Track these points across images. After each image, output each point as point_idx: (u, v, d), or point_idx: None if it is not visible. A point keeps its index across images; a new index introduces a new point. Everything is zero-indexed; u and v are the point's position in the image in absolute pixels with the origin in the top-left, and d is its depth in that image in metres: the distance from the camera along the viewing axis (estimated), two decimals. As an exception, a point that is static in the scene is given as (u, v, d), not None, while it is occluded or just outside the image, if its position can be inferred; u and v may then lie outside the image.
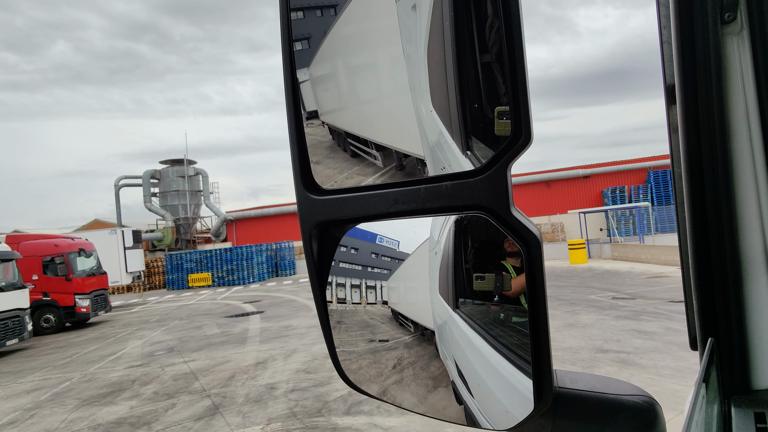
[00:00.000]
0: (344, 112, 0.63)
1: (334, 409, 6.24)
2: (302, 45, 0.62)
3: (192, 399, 7.17)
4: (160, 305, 21.64)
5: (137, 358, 10.56)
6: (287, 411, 6.30)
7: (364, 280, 0.65)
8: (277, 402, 6.68)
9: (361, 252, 0.64)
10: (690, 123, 0.69)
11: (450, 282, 0.57)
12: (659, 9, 0.80)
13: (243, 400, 6.91)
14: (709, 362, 0.69)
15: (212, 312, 17.42)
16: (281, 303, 18.18)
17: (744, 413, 0.66)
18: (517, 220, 0.50)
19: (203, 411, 6.58)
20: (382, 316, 0.64)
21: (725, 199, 0.70)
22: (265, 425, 5.88)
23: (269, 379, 7.86)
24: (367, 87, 0.61)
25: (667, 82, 0.83)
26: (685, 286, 0.92)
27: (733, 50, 0.68)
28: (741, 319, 0.72)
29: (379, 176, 0.61)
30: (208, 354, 10.22)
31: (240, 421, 6.09)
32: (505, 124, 0.48)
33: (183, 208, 40.91)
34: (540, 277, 0.50)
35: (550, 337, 0.51)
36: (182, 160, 41.80)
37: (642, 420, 0.56)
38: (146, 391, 7.80)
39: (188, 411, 6.64)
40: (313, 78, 0.62)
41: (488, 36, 0.48)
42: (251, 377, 8.06)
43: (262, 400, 6.81)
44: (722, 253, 0.71)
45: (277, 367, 8.60)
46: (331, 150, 0.63)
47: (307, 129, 0.64)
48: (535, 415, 0.53)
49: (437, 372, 0.61)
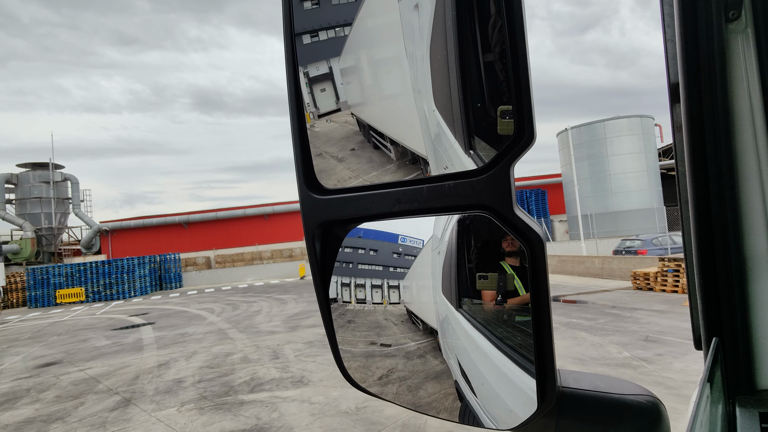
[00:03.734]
0: (365, 106, 0.62)
1: (239, 390, 7.48)
2: (311, 38, 0.62)
3: (100, 397, 7.77)
4: (26, 323, 19.83)
5: (22, 371, 10.36)
6: (197, 396, 7.37)
7: (367, 280, 0.65)
8: (187, 391, 7.68)
9: (365, 251, 0.64)
10: (694, 121, 0.69)
11: (453, 281, 0.57)
12: (663, 7, 0.81)
13: (153, 392, 7.76)
14: (713, 362, 0.67)
15: (95, 326, 16.80)
16: (172, 314, 18.16)
17: (749, 413, 0.65)
18: (521, 219, 0.50)
19: (115, 404, 7.31)
20: (387, 315, 0.64)
21: (729, 198, 0.69)
22: (179, 407, 6.91)
23: (175, 375, 8.72)
24: (369, 85, 0.60)
25: (671, 81, 0.83)
26: (689, 285, 0.92)
27: (737, 48, 0.68)
28: (746, 319, 0.71)
29: (380, 174, 0.61)
30: (104, 362, 10.48)
31: (154, 407, 7.01)
32: (508, 123, 0.48)
33: (46, 217, 37.04)
34: (543, 277, 0.50)
35: (553, 337, 0.51)
36: (46, 164, 37.72)
37: (646, 420, 0.56)
38: (47, 396, 8.11)
39: (99, 406, 7.31)
40: (341, 70, 0.61)
41: (491, 35, 0.48)
42: (156, 376, 8.82)
43: (172, 391, 7.74)
44: (727, 252, 0.70)
45: (181, 366, 9.42)
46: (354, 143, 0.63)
47: (332, 123, 0.62)
48: (538, 415, 0.53)
49: (440, 371, 0.61)
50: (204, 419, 6.32)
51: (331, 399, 6.70)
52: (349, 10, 0.59)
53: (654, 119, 31.70)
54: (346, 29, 0.59)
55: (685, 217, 0.85)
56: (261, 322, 14.25)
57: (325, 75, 0.62)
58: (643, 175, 30.12)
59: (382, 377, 0.66)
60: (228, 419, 6.24)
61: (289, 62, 0.63)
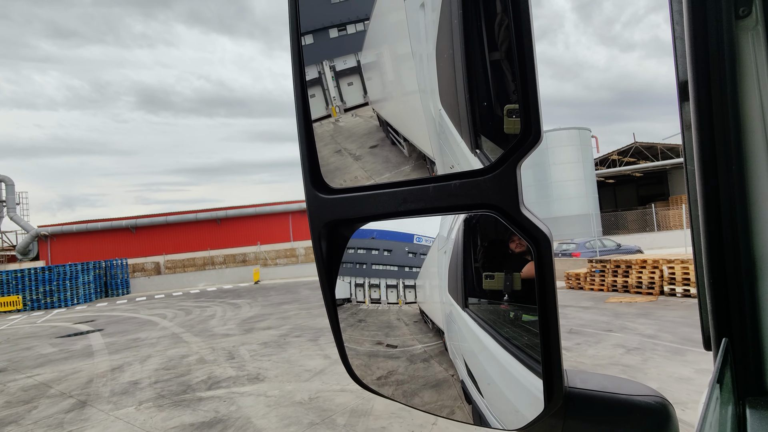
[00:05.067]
0: (379, 103, 0.62)
1: (197, 388, 7.83)
2: (311, 39, 0.63)
3: (53, 401, 7.82)
4: (-43, 334, 18.73)
5: None
6: (155, 395, 7.65)
7: (371, 279, 0.65)
8: (144, 391, 7.92)
9: (371, 251, 0.64)
10: (703, 120, 0.68)
11: (459, 281, 0.58)
12: (672, 4, 0.80)
13: (109, 394, 7.92)
14: (723, 363, 0.67)
15: (38, 334, 16.21)
16: (121, 320, 17.82)
17: (759, 415, 0.65)
18: (527, 218, 0.50)
19: (71, 406, 7.44)
20: (393, 313, 0.65)
21: (739, 197, 0.68)
22: (137, 406, 7.18)
23: (130, 378, 8.88)
24: (378, 83, 0.61)
25: (680, 79, 0.82)
26: (698, 285, 0.91)
27: (747, 45, 0.67)
28: (755, 319, 0.70)
29: (387, 174, 0.61)
30: (53, 368, 10.37)
31: (111, 407, 7.22)
32: (515, 122, 0.48)
33: (-23, 221, 34.53)
34: (550, 276, 0.50)
35: (560, 337, 0.51)
36: (-22, 165, 35.26)
37: (654, 421, 0.56)
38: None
39: (54, 408, 7.41)
40: (363, 65, 0.61)
41: (497, 33, 0.48)
42: (111, 379, 8.94)
43: (129, 392, 7.95)
44: (736, 252, 0.70)
45: (135, 369, 9.56)
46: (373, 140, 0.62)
47: (356, 117, 0.62)
48: (545, 415, 0.53)
49: (447, 371, 0.61)
50: (163, 415, 6.66)
51: (285, 392, 7.23)
52: (362, 7, 0.60)
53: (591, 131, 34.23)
54: (358, 26, 0.59)
55: (695, 217, 0.84)
56: (215, 326, 14.40)
57: (352, 69, 0.62)
58: (581, 183, 32.46)
59: (387, 376, 0.66)
60: (187, 414, 6.62)
61: (295, 61, 0.64)
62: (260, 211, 40.28)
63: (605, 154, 39.36)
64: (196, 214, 39.76)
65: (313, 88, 0.64)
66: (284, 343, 10.94)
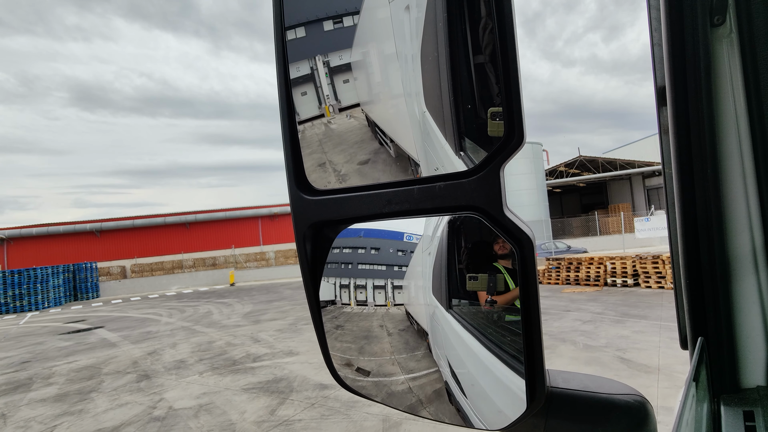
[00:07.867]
0: (365, 104, 0.61)
1: (243, 362, 9.24)
2: (298, 33, 0.61)
3: (115, 377, 8.80)
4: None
5: (1, 368, 10.57)
6: (209, 368, 9.00)
7: (355, 280, 0.65)
8: (195, 365, 9.18)
9: (358, 250, 0.64)
10: (680, 124, 0.70)
11: (443, 282, 0.58)
12: (650, 12, 0.82)
13: (163, 370, 9.07)
14: (699, 361, 0.69)
15: (34, 333, 16.34)
16: (114, 320, 18.24)
17: (733, 411, 0.67)
18: (510, 220, 0.50)
19: (136, 379, 8.57)
20: (379, 315, 0.65)
21: (714, 200, 0.70)
22: (199, 375, 8.55)
23: (172, 358, 9.96)
24: (365, 84, 0.60)
25: (658, 84, 0.84)
26: (675, 286, 0.93)
27: (722, 52, 0.69)
28: (730, 319, 0.72)
29: (372, 176, 0.61)
30: (86, 356, 10.98)
31: (176, 377, 8.44)
32: (498, 124, 0.49)
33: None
34: (533, 277, 0.50)
35: (542, 337, 0.52)
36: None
37: (633, 419, 0.57)
38: (58, 381, 8.81)
39: (122, 380, 8.50)
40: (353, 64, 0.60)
41: (481, 37, 0.49)
42: (154, 360, 9.97)
43: (182, 367, 9.15)
44: (711, 253, 0.71)
45: (171, 352, 10.60)
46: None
47: (351, 119, 0.62)
48: (527, 415, 0.53)
49: (430, 373, 0.61)
50: (228, 380, 8.08)
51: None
52: (346, 5, 0.59)
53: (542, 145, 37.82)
54: (355, 18, 0.58)
55: (672, 219, 0.86)
56: (221, 320, 15.43)
57: (348, 65, 0.60)
58: (534, 192, 35.81)
59: (371, 377, 0.66)
60: (249, 376, 8.11)
61: (279, 60, 0.63)
62: (230, 215, 40.80)
63: (554, 165, 43.26)
64: (165, 218, 39.61)
65: (304, 85, 0.62)
66: (297, 329, 12.35)
